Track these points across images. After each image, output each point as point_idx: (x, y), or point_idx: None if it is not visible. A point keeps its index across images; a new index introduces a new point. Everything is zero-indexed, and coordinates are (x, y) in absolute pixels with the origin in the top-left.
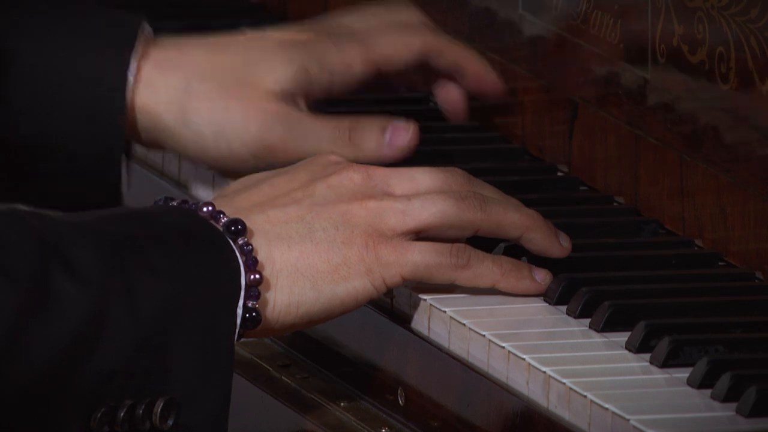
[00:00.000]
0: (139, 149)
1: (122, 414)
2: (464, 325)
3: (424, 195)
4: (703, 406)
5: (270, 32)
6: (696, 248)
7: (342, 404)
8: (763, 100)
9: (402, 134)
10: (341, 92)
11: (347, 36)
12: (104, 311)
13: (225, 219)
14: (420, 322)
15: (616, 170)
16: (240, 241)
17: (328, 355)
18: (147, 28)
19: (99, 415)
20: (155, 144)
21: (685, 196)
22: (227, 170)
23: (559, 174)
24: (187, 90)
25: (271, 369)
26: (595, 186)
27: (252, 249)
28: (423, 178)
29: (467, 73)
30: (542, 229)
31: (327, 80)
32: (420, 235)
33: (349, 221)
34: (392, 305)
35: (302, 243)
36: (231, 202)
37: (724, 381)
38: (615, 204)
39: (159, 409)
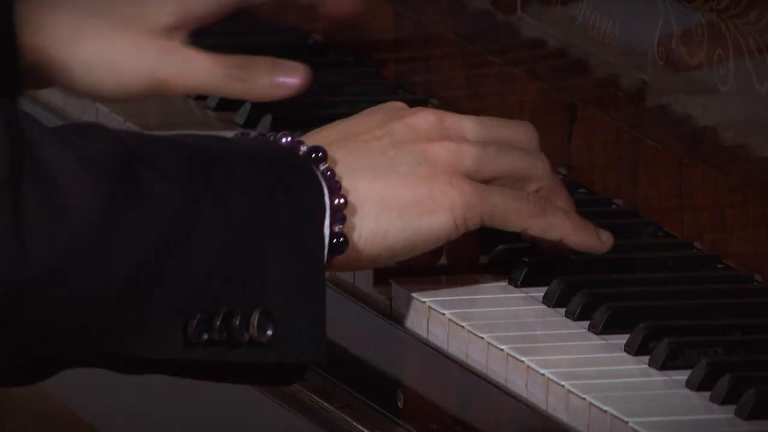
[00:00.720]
0: None
1: (218, 322)
2: (463, 327)
3: (498, 145)
4: (702, 408)
5: None
6: (695, 250)
7: (340, 406)
8: (762, 102)
9: (293, 74)
10: (216, 21)
11: None
12: (195, 209)
13: (305, 147)
14: (418, 324)
15: (615, 172)
16: (322, 167)
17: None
18: None
19: (195, 321)
20: (45, 83)
21: (684, 198)
22: (117, 102)
23: (558, 176)
24: (76, 26)
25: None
26: (593, 188)
27: (333, 174)
28: (494, 126)
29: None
30: (580, 233)
31: (203, 11)
32: (492, 183)
33: (430, 158)
34: (391, 307)
35: (387, 175)
36: (309, 138)
37: (723, 383)
38: (614, 206)
39: (256, 320)
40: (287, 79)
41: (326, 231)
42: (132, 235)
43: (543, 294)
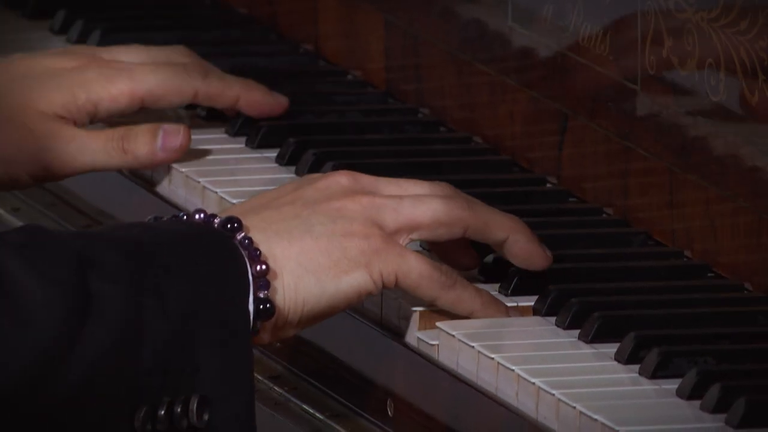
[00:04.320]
0: None
1: (162, 412)
2: (453, 336)
3: (413, 195)
4: (692, 417)
5: (41, 57)
6: (685, 260)
7: (331, 415)
8: (752, 111)
9: (173, 137)
10: (105, 120)
11: (116, 68)
12: (140, 310)
13: (218, 220)
14: (409, 334)
15: (606, 182)
16: (239, 236)
17: (317, 366)
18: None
19: (142, 414)
20: None
21: (675, 207)
22: (6, 190)
23: (549, 186)
24: None
25: (260, 379)
26: (584, 197)
27: (251, 242)
28: (408, 184)
29: (249, 107)
30: (526, 232)
31: (92, 110)
32: (411, 234)
33: (345, 214)
34: (381, 316)
35: (302, 238)
36: (222, 212)
37: (714, 392)
38: (604, 215)
39: (194, 406)
40: (169, 143)
41: (251, 299)
42: (88, 347)
43: (533, 303)
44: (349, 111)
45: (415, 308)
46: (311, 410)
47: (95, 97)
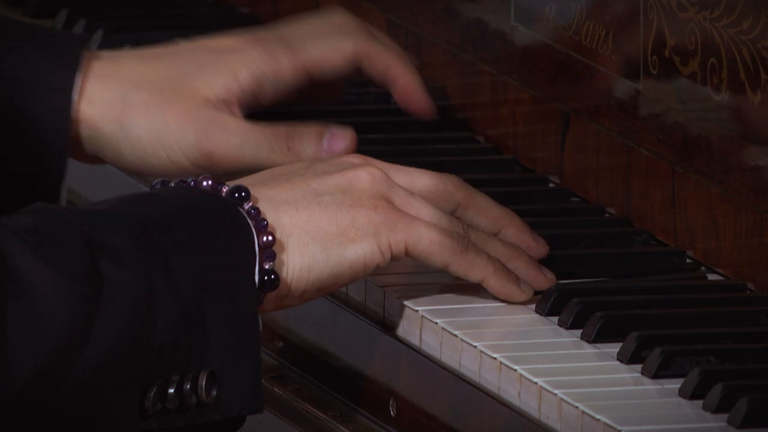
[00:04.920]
0: None
1: (172, 390)
2: (456, 336)
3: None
4: (694, 416)
5: (203, 41)
6: (687, 259)
7: (334, 415)
8: (755, 111)
9: (339, 140)
10: (274, 100)
11: (277, 43)
12: (150, 289)
13: (227, 188)
14: (412, 333)
15: (608, 181)
16: (246, 206)
17: (320, 366)
18: (90, 44)
19: (152, 393)
20: (96, 157)
21: (677, 207)
22: (170, 175)
23: (551, 185)
24: (124, 100)
25: (263, 380)
26: (586, 197)
27: (258, 212)
28: (419, 174)
29: (396, 85)
30: (519, 225)
31: (256, 89)
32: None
33: (354, 186)
34: (384, 316)
35: (310, 206)
36: (231, 181)
37: (716, 392)
38: (606, 215)
39: (203, 383)
40: (335, 146)
41: (256, 270)
42: (101, 332)
43: (536, 303)
44: (351, 111)
45: (418, 308)
46: (314, 410)
47: (258, 74)
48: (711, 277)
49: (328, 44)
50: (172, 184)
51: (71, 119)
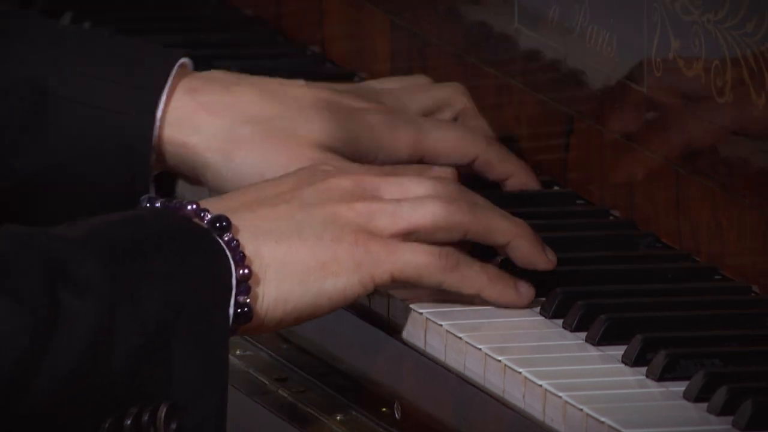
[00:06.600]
0: None
1: (128, 422)
2: (460, 338)
3: (414, 198)
4: (699, 419)
5: (320, 89)
6: (692, 261)
7: (338, 418)
8: (759, 113)
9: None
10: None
11: (400, 116)
12: (112, 321)
13: (209, 216)
14: (416, 336)
15: (612, 184)
16: (226, 237)
17: (324, 369)
18: (185, 60)
19: (107, 426)
20: (195, 179)
21: (681, 209)
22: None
23: (555, 188)
24: (232, 131)
25: (267, 383)
26: (591, 199)
27: (238, 244)
28: (412, 184)
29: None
30: (529, 237)
31: (372, 157)
32: (410, 237)
33: (337, 220)
34: (388, 318)
35: (290, 239)
36: (218, 202)
37: (721, 394)
38: (611, 217)
39: (163, 415)
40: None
41: (231, 305)
42: (53, 364)
43: (540, 305)
44: None
45: (422, 310)
46: (318, 413)
47: (378, 143)
48: (716, 279)
49: (452, 142)
50: (158, 204)
51: (152, 143)
